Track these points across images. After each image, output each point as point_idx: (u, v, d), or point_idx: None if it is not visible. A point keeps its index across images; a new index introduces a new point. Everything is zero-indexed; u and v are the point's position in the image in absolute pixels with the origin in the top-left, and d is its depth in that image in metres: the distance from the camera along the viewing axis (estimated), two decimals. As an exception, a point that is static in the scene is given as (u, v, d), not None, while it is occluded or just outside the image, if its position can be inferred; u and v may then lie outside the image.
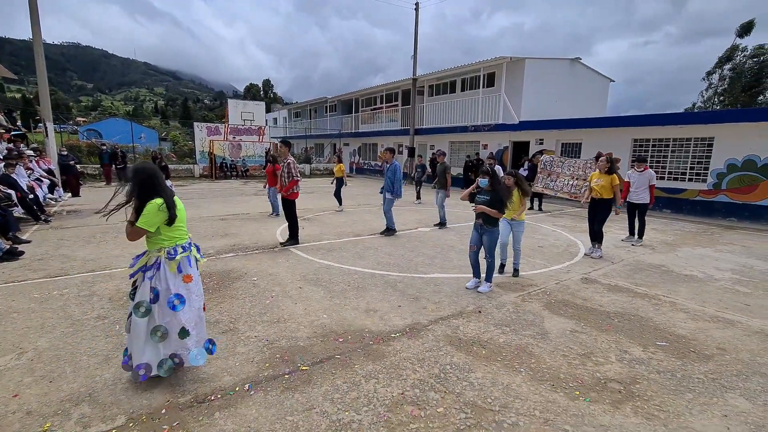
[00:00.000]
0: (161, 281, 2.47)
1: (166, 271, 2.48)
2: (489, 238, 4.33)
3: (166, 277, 2.48)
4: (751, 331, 3.58)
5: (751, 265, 5.83)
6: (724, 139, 10.12)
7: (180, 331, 2.49)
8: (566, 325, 3.61)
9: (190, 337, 2.51)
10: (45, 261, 5.20)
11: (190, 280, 2.55)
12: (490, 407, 2.41)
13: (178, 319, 2.48)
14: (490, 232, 4.31)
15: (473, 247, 4.50)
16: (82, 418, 2.23)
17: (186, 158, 21.95)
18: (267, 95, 79.57)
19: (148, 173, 2.47)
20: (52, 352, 2.93)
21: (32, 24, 10.15)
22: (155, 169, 2.53)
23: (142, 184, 2.45)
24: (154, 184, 2.46)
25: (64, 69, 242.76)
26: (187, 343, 2.51)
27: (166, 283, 2.47)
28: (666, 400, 2.52)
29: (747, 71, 27.59)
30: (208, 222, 8.18)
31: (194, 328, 2.55)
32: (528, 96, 15.96)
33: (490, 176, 4.27)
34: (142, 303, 2.45)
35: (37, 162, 10.03)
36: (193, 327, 2.54)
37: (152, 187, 2.46)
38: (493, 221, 4.29)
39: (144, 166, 2.54)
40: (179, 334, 2.49)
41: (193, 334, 2.53)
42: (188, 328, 2.50)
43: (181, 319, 2.48)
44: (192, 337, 2.52)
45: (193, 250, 2.67)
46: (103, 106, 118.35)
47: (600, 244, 6.13)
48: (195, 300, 2.58)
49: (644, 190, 6.90)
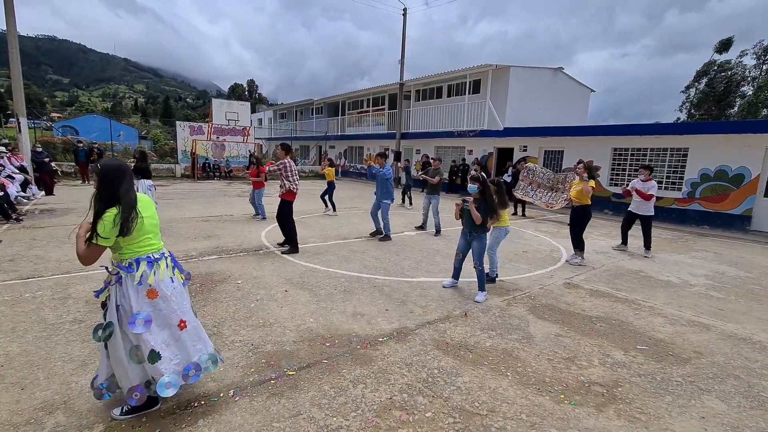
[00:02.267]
0: (125, 298, 2.14)
1: (129, 287, 2.14)
2: (478, 244, 4.35)
3: (129, 293, 2.13)
4: (725, 335, 3.72)
5: (722, 271, 6.07)
6: (697, 150, 10.54)
7: (149, 354, 2.14)
8: (551, 329, 3.67)
9: (161, 360, 2.16)
10: (16, 262, 4.97)
11: (155, 296, 2.17)
12: (477, 411, 2.42)
13: (144, 341, 2.13)
14: (478, 239, 4.34)
15: (459, 254, 4.54)
16: (57, 427, 2.13)
17: (167, 157, 21.45)
18: (252, 95, 78.66)
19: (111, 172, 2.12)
20: (24, 357, 2.79)
21: (6, 15, 9.77)
22: (121, 169, 2.17)
23: (103, 186, 2.09)
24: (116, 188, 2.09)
25: (38, 63, 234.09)
26: (158, 368, 2.15)
27: (129, 300, 2.13)
28: (647, 402, 2.59)
29: (718, 86, 28.89)
30: (190, 223, 7.99)
31: (168, 349, 2.22)
32: (512, 103, 16.27)
33: (480, 183, 4.29)
34: (109, 324, 2.14)
35: (9, 159, 9.62)
36: (165, 348, 2.20)
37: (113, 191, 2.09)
38: (480, 228, 4.32)
39: (108, 164, 2.18)
40: (149, 358, 2.14)
41: (166, 356, 2.19)
42: (158, 350, 2.16)
43: (147, 340, 2.13)
44: (165, 360, 2.17)
45: (163, 262, 2.27)
46: (80, 102, 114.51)
47: (582, 252, 6.18)
48: (165, 317, 2.22)
49: (648, 201, 6.70)
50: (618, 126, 12.33)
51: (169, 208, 9.66)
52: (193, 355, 2.30)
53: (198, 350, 2.34)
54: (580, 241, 6.15)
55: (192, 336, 2.33)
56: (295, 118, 32.55)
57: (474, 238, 4.33)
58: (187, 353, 2.28)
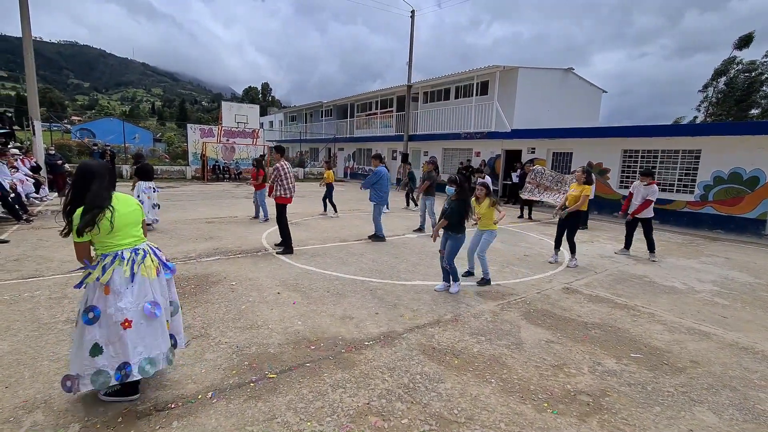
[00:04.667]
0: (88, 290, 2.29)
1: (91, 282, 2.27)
2: (452, 243, 4.47)
3: (90, 286, 2.28)
4: (725, 343, 3.58)
5: (732, 277, 5.86)
6: (710, 151, 10.24)
7: (92, 347, 2.22)
8: (542, 336, 3.59)
9: (102, 355, 2.23)
10: (20, 262, 5.11)
11: (108, 292, 2.24)
12: (455, 419, 2.38)
13: (91, 334, 2.23)
14: (454, 237, 4.44)
15: (441, 251, 4.59)
16: (34, 426, 2.16)
17: (179, 159, 21.84)
18: (265, 98, 79.69)
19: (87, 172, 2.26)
20: (13, 356, 2.85)
21: (22, 20, 10.09)
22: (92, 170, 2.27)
23: (74, 186, 2.25)
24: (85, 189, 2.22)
25: (60, 68, 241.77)
26: (96, 362, 2.23)
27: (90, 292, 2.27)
28: (633, 413, 2.50)
29: (739, 85, 28.02)
30: (193, 225, 8.10)
31: (109, 346, 2.25)
32: (521, 105, 16.09)
33: (457, 185, 4.39)
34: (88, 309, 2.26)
35: (22, 160, 9.91)
36: (109, 345, 2.25)
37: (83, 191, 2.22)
38: (456, 228, 4.40)
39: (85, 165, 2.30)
40: (90, 351, 2.22)
41: (106, 352, 2.24)
42: (101, 344, 2.23)
43: (95, 334, 2.22)
44: (104, 355, 2.24)
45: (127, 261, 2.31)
46: (99, 106, 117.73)
47: (573, 254, 6.13)
48: (113, 315, 2.24)
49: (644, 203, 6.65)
50: (628, 127, 12.07)
51: (175, 210, 9.81)
52: (132, 356, 2.29)
53: (138, 352, 2.32)
54: (572, 244, 6.11)
55: (134, 338, 2.31)
56: (305, 120, 32.81)
57: (449, 237, 4.45)
58: (127, 353, 2.28)
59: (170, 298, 2.62)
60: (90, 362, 2.23)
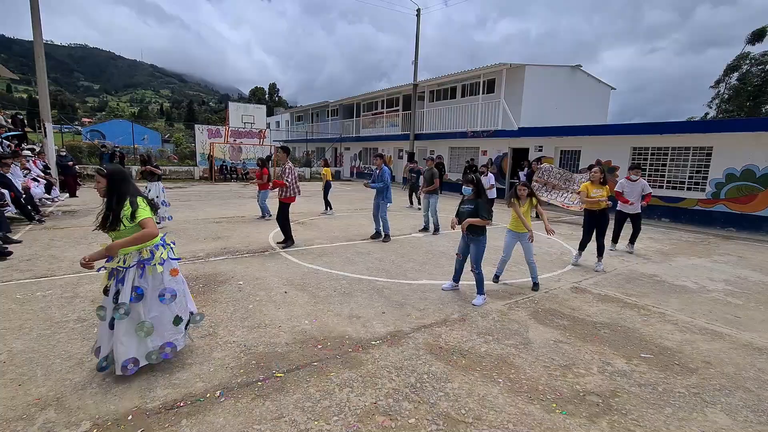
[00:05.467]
0: (147, 280, 2.61)
1: (150, 269, 2.62)
2: (476, 248, 4.25)
3: (152, 274, 2.63)
4: (739, 344, 3.52)
5: (745, 276, 5.76)
6: (722, 148, 10.06)
7: (174, 319, 2.71)
8: (550, 335, 3.56)
9: (183, 321, 2.78)
10: (33, 261, 5.19)
11: (177, 274, 2.75)
12: (463, 419, 2.37)
13: (171, 310, 2.69)
14: (476, 241, 4.23)
15: (459, 255, 4.49)
16: (47, 423, 2.19)
17: (187, 160, 22.06)
18: (272, 98, 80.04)
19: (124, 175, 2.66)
20: (26, 354, 2.90)
21: (33, 25, 10.25)
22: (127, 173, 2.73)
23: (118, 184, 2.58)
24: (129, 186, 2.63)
25: (71, 70, 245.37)
26: (180, 328, 2.76)
27: (152, 280, 2.63)
28: (644, 414, 2.47)
29: (753, 79, 27.43)
30: (201, 224, 8.17)
31: (185, 314, 2.81)
32: (528, 103, 15.96)
33: (474, 184, 4.24)
34: (122, 305, 2.51)
35: (34, 162, 10.08)
36: (184, 313, 2.79)
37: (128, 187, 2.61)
38: (479, 230, 4.23)
39: (118, 169, 2.67)
40: (173, 322, 2.71)
41: (184, 320, 2.79)
42: (180, 315, 2.74)
43: (174, 309, 2.70)
44: (184, 322, 2.79)
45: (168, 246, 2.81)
46: (109, 107, 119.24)
47: (601, 257, 5.92)
48: (182, 289, 2.81)
49: (637, 200, 6.76)
50: (637, 125, 11.92)
51: (183, 210, 9.90)
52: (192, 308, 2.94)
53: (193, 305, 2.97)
54: (601, 246, 5.90)
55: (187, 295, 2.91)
56: (311, 120, 32.91)
57: (471, 241, 4.25)
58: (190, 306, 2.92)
59: None
60: (175, 330, 2.74)
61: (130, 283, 2.54)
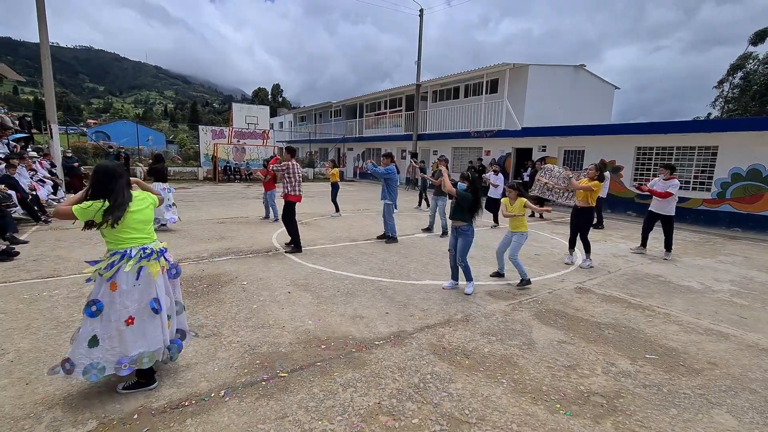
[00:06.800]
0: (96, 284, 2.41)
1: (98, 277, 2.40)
2: (463, 241, 4.42)
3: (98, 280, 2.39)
4: (745, 345, 3.50)
5: (751, 276, 5.71)
6: (728, 148, 9.99)
7: (91, 339, 2.33)
8: (554, 336, 3.55)
9: (98, 347, 2.34)
10: (39, 262, 5.24)
11: (115, 289, 2.35)
12: (466, 419, 2.37)
13: (91, 325, 2.34)
14: (463, 234, 4.39)
15: (451, 250, 4.58)
16: (53, 422, 2.21)
17: (191, 161, 22.17)
18: (275, 99, 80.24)
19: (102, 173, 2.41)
20: (33, 354, 2.93)
21: (39, 27, 10.34)
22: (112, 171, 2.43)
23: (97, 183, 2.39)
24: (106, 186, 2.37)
25: (76, 72, 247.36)
26: (92, 353, 2.33)
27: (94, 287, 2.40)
28: (649, 415, 2.46)
29: (758, 79, 27.22)
30: (206, 225, 8.21)
31: (107, 340, 2.36)
32: (531, 103, 15.92)
33: (470, 181, 4.37)
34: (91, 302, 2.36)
35: (40, 163, 10.17)
36: (106, 339, 2.36)
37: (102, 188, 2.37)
38: (465, 223, 4.38)
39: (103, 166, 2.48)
40: (88, 342, 2.33)
41: (102, 346, 2.35)
42: (99, 337, 2.34)
43: (96, 326, 2.34)
44: (100, 348, 2.34)
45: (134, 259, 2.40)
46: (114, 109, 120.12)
47: (588, 254, 5.94)
48: (117, 312, 2.36)
49: (669, 201, 6.45)
50: (641, 124, 11.86)
51: (188, 210, 9.94)
52: (132, 350, 2.41)
53: (138, 346, 2.43)
54: (586, 243, 5.94)
55: (136, 333, 2.42)
56: (314, 121, 32.98)
57: (459, 234, 4.41)
58: (126, 347, 2.40)
59: (176, 298, 2.77)
60: (86, 352, 2.33)
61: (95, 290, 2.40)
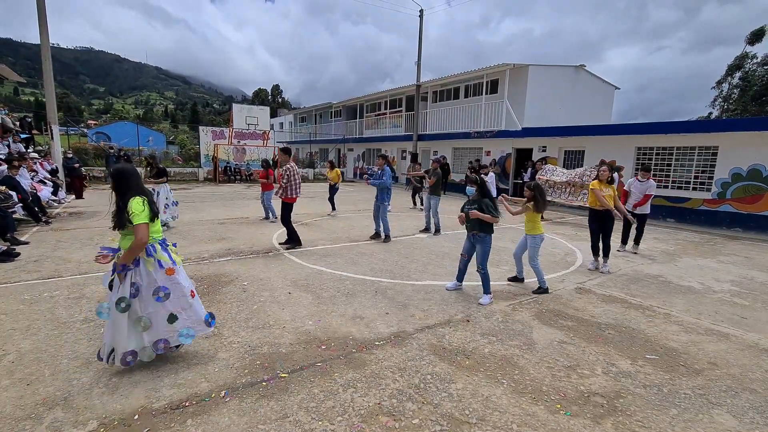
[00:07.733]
0: (141, 277, 2.66)
1: (145, 267, 2.67)
2: (482, 248, 4.26)
3: (146, 272, 2.66)
4: (745, 345, 3.49)
5: (752, 276, 5.71)
6: (728, 148, 9.98)
7: (168, 317, 2.72)
8: (555, 336, 3.55)
9: (178, 320, 2.76)
10: (40, 262, 5.25)
11: (173, 273, 2.74)
12: (467, 419, 2.37)
13: (165, 308, 2.70)
14: (482, 241, 4.25)
15: (464, 255, 4.50)
16: (54, 422, 2.22)
17: (191, 161, 22.18)
18: (275, 100, 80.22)
19: (125, 173, 2.69)
20: (34, 354, 2.93)
21: (40, 28, 10.36)
22: (132, 170, 2.75)
23: (120, 183, 2.66)
24: (132, 184, 2.67)
25: (77, 73, 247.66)
26: (176, 326, 2.75)
27: (146, 278, 2.66)
28: (649, 415, 2.46)
29: (757, 80, 27.22)
30: (206, 225, 8.21)
31: (183, 312, 2.78)
32: (531, 103, 15.93)
33: (478, 185, 4.26)
34: (123, 299, 2.59)
35: (41, 164, 10.18)
36: (181, 312, 2.77)
37: (130, 186, 2.66)
38: (485, 230, 4.24)
39: (120, 168, 2.73)
40: (168, 320, 2.72)
41: (181, 318, 2.77)
42: (176, 313, 2.75)
43: (168, 307, 2.71)
44: (180, 320, 2.76)
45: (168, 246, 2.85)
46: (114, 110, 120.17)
47: (607, 258, 5.83)
48: (180, 288, 2.77)
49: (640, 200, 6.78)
50: (641, 124, 11.86)
51: (188, 211, 9.95)
52: (200, 315, 2.89)
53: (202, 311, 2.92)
54: (607, 247, 5.80)
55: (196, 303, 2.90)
56: (314, 121, 33.00)
57: (477, 241, 4.26)
58: (199, 313, 2.88)
59: None
60: (170, 328, 2.74)
61: (128, 279, 2.63)
